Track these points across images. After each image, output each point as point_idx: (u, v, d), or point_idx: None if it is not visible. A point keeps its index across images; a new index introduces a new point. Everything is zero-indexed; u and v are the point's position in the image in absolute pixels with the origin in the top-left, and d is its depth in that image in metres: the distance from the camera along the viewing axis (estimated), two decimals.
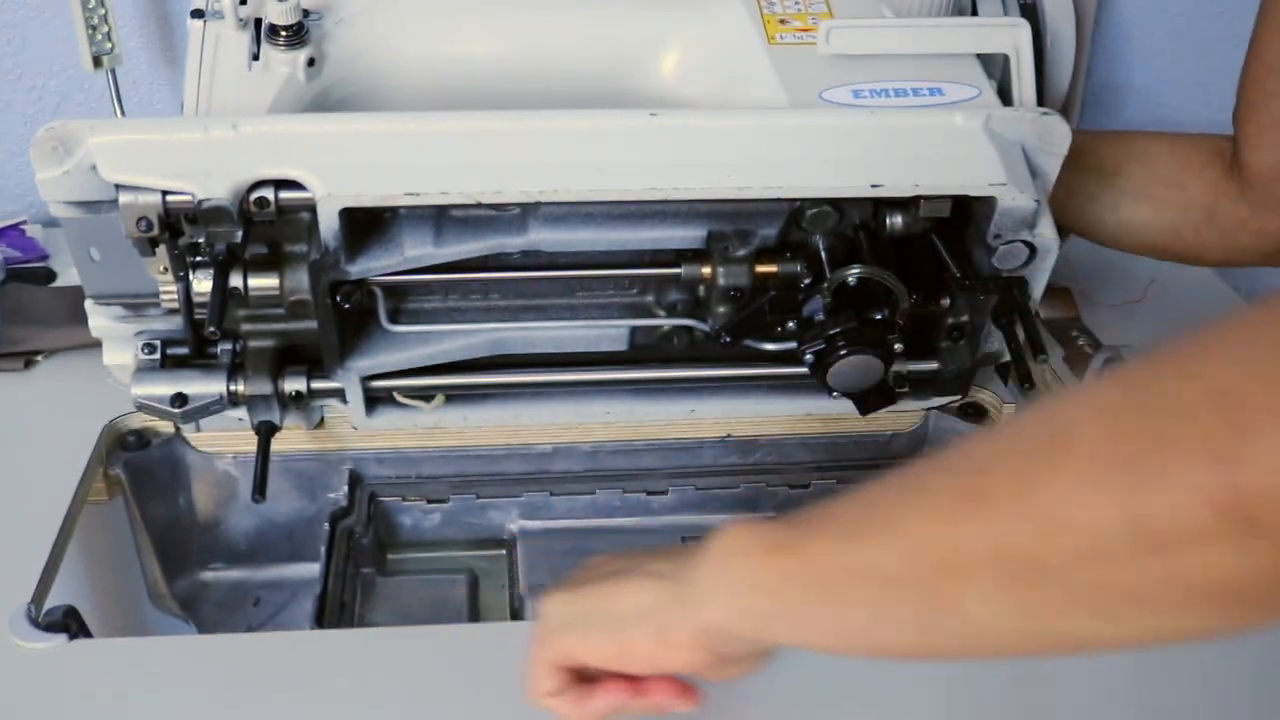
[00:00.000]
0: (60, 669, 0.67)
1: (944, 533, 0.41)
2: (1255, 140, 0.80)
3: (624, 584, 0.53)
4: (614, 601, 0.53)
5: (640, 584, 0.52)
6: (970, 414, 0.90)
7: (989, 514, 0.40)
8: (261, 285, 0.75)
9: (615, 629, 0.52)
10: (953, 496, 0.42)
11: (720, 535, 0.49)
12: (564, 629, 0.55)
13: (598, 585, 0.54)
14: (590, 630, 0.53)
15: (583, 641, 0.54)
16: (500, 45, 0.86)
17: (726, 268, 0.77)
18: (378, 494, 0.86)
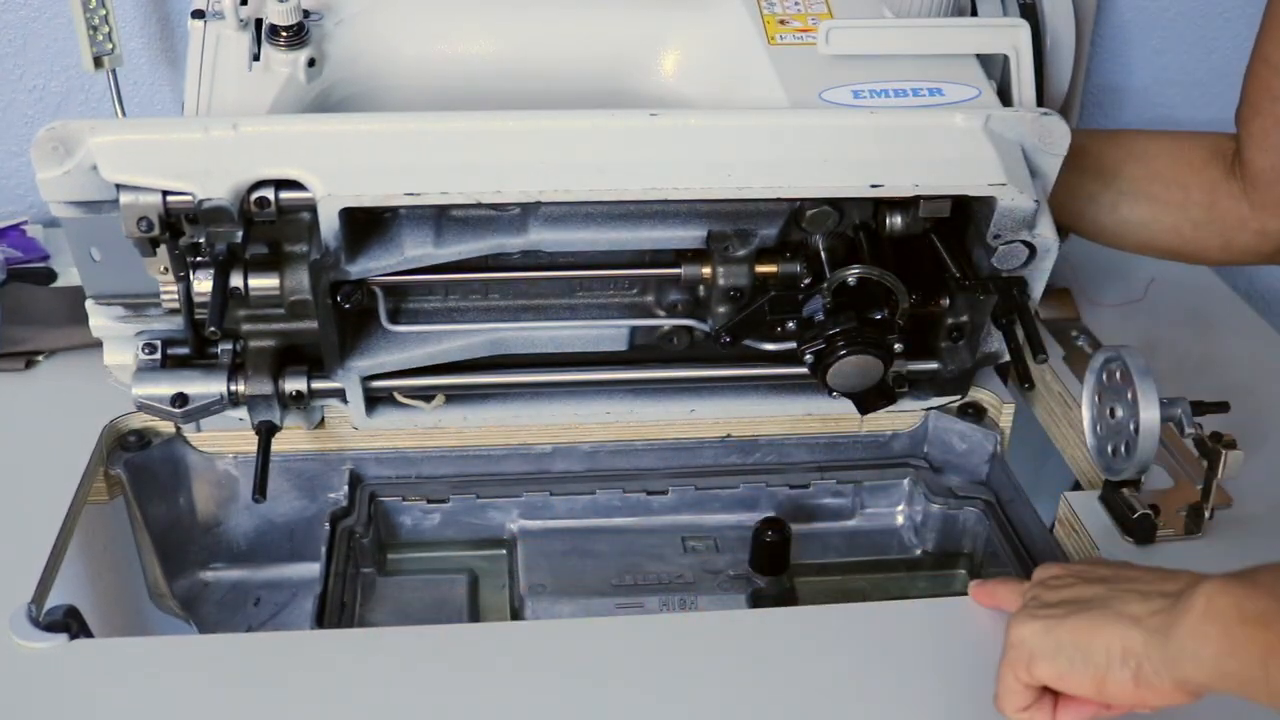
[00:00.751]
0: (60, 669, 0.67)
1: None
2: (1260, 141, 0.80)
3: (1103, 624, 0.56)
4: (1094, 640, 0.56)
5: (1122, 630, 0.55)
6: (970, 414, 0.90)
7: None
8: (262, 285, 0.75)
9: (1096, 668, 0.56)
10: None
11: (1205, 594, 0.52)
12: (1041, 658, 0.58)
13: (1075, 619, 0.57)
14: (1071, 666, 0.57)
15: (1063, 676, 0.57)
16: (500, 45, 0.86)
17: (726, 268, 0.77)
18: (378, 494, 0.86)
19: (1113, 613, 0.56)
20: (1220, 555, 0.76)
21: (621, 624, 0.73)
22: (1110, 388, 0.79)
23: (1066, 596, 0.59)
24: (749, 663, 0.68)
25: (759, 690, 0.67)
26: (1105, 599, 0.57)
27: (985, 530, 0.87)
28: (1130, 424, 0.75)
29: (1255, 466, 0.80)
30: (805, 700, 0.66)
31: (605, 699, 0.66)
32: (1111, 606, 0.56)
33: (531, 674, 0.67)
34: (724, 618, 0.73)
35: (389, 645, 0.69)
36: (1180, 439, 0.80)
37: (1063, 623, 0.57)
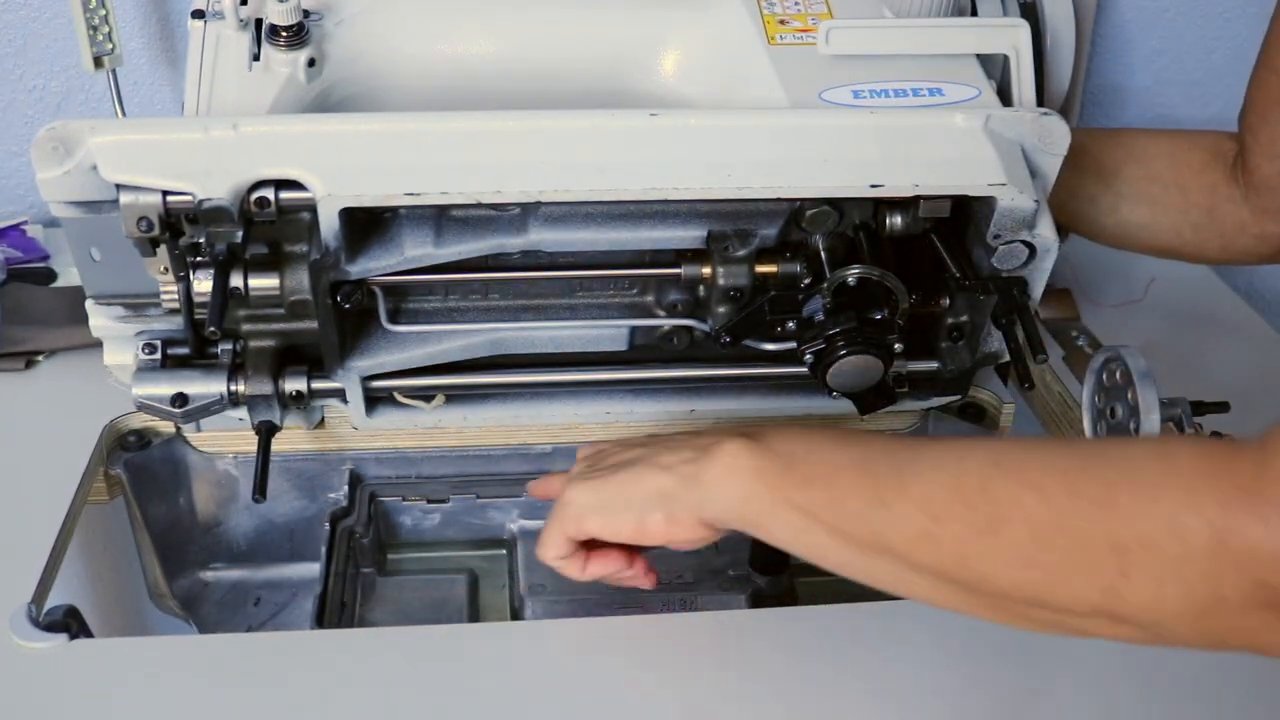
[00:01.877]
0: (60, 669, 0.67)
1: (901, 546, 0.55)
2: (1267, 149, 0.80)
3: (642, 474, 0.65)
4: (633, 490, 0.65)
5: (656, 476, 0.64)
6: (970, 414, 0.90)
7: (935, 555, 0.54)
8: (262, 285, 0.75)
9: (635, 512, 0.64)
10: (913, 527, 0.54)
11: (728, 452, 0.61)
12: (591, 513, 0.66)
13: (619, 473, 0.65)
14: (614, 515, 0.65)
15: (607, 522, 0.66)
16: (500, 45, 0.86)
17: (726, 268, 0.77)
18: (378, 494, 0.87)
19: (650, 464, 0.65)
20: None
21: (621, 624, 0.73)
22: (1110, 388, 0.79)
23: (613, 462, 0.67)
24: (749, 663, 0.68)
25: (759, 690, 0.67)
26: (643, 457, 0.66)
27: None
28: (1130, 424, 0.75)
29: None
30: (805, 700, 0.66)
31: (605, 699, 0.66)
32: (647, 461, 0.65)
33: (531, 674, 0.67)
34: (724, 618, 0.73)
35: (389, 645, 0.69)
36: None
37: (607, 479, 0.66)
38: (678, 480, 0.63)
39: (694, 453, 0.63)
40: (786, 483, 0.59)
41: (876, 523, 0.55)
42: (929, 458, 0.56)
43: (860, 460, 0.58)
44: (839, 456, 0.59)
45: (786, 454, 0.60)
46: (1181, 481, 0.48)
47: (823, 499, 0.58)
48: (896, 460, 0.57)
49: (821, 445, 0.60)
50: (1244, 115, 0.82)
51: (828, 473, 0.58)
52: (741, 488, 0.61)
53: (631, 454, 0.67)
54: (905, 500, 0.55)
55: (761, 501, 0.60)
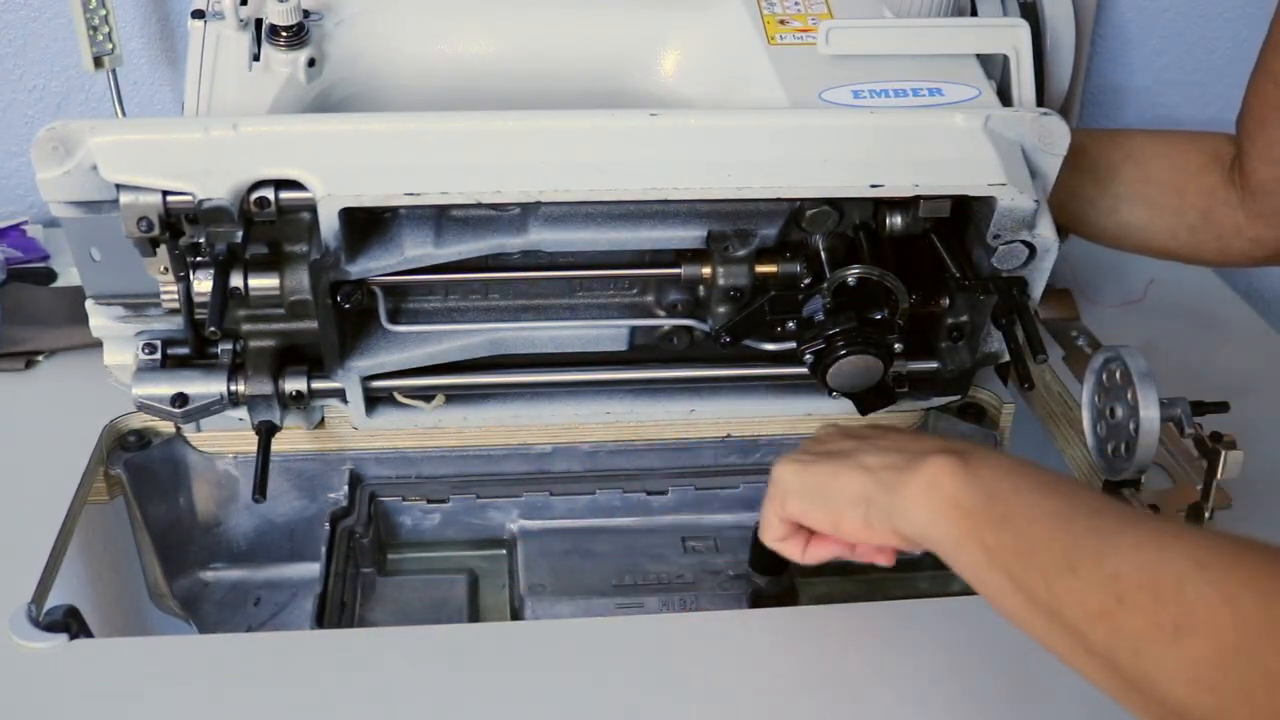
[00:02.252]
0: (60, 669, 0.67)
1: (1077, 619, 0.52)
2: (1264, 153, 0.80)
3: (845, 471, 0.64)
4: (834, 484, 0.64)
5: (859, 478, 0.63)
6: (970, 414, 0.90)
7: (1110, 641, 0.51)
8: (262, 285, 0.75)
9: (833, 508, 0.64)
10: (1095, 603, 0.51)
11: (931, 469, 0.60)
12: (792, 495, 0.67)
13: (823, 464, 0.66)
14: (813, 504, 0.66)
15: (807, 511, 0.66)
16: (500, 45, 0.86)
17: (726, 268, 0.77)
18: (378, 494, 0.86)
19: (854, 462, 0.64)
20: None
21: (621, 624, 0.73)
22: (1110, 388, 0.79)
23: (825, 449, 0.67)
24: (749, 663, 0.68)
25: (759, 690, 0.67)
26: (852, 451, 0.65)
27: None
28: (1130, 424, 0.75)
29: (1255, 466, 0.80)
30: (805, 700, 0.66)
31: (605, 699, 0.66)
32: (854, 457, 0.64)
33: (531, 674, 0.67)
34: (724, 618, 0.73)
35: (389, 645, 0.69)
36: (1180, 439, 0.80)
37: (812, 467, 0.66)
38: (877, 485, 0.62)
39: (901, 459, 0.62)
40: (982, 518, 0.57)
41: (1059, 586, 0.53)
42: (1133, 535, 0.52)
43: (1063, 514, 0.55)
44: (1043, 504, 0.56)
45: (990, 486, 0.58)
46: None
47: (1013, 544, 0.55)
48: (1100, 525, 0.53)
49: (1028, 486, 0.57)
50: (1241, 120, 0.82)
51: (1026, 518, 0.56)
52: (936, 512, 0.59)
53: (844, 445, 0.66)
54: (1096, 572, 0.51)
55: (952, 530, 0.58)
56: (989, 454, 0.61)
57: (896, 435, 0.67)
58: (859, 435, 0.68)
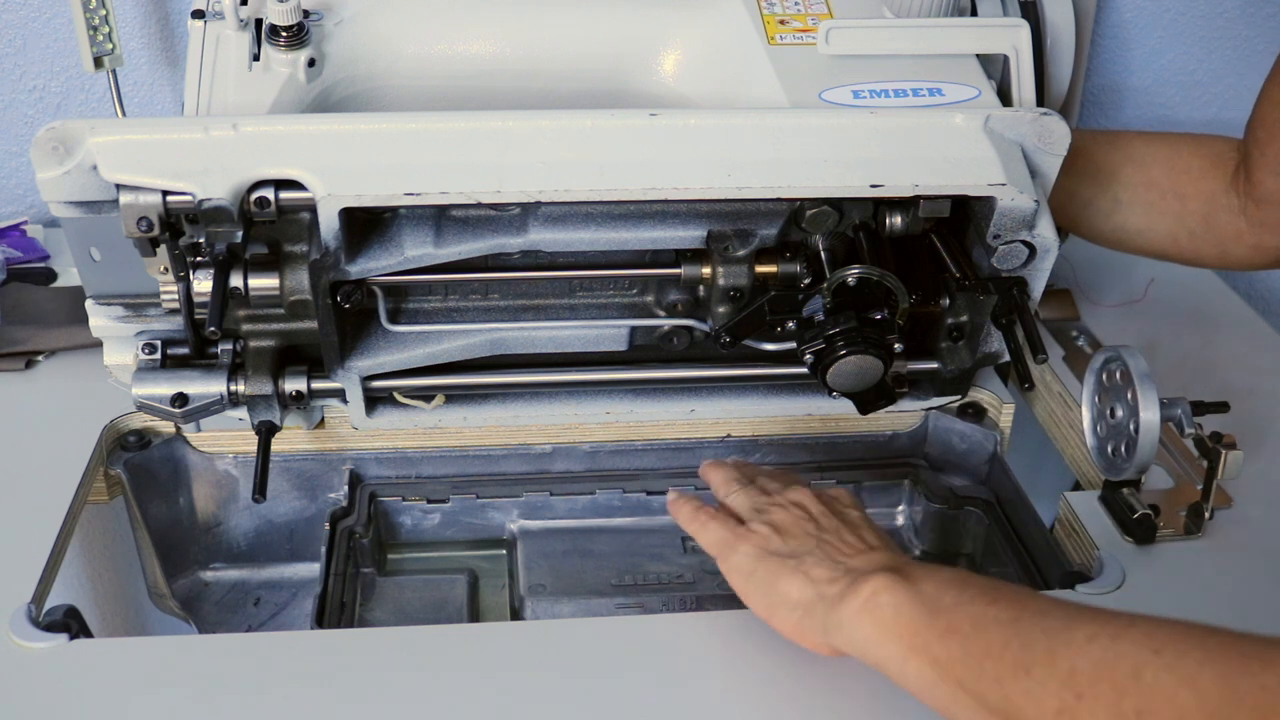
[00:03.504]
0: (60, 669, 0.67)
1: None
2: (1273, 165, 0.80)
3: (792, 575, 0.64)
4: (778, 583, 0.65)
5: (801, 585, 0.64)
6: (970, 414, 0.90)
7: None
8: (262, 285, 0.75)
9: (771, 604, 0.65)
10: (1054, 701, 0.51)
11: (871, 588, 0.60)
12: (738, 574, 0.67)
13: (776, 561, 0.65)
14: (756, 591, 0.66)
15: (747, 593, 0.67)
16: (500, 45, 0.86)
17: (726, 268, 0.77)
18: (378, 494, 0.86)
19: (802, 571, 0.64)
20: (1220, 555, 0.76)
21: (621, 624, 0.73)
22: (1110, 388, 0.79)
23: (783, 546, 0.67)
24: (749, 663, 0.68)
25: (759, 690, 0.67)
26: (805, 555, 0.65)
27: (985, 530, 0.87)
28: (1130, 424, 0.75)
29: (1255, 466, 0.80)
30: (806, 700, 0.66)
31: (605, 699, 0.66)
32: (805, 564, 0.64)
33: (531, 674, 0.67)
34: (724, 618, 0.73)
35: (389, 645, 0.69)
36: (1180, 439, 0.80)
37: (766, 561, 0.66)
38: (817, 599, 0.62)
39: (844, 575, 0.62)
40: (928, 632, 0.56)
41: (1014, 689, 0.52)
42: (1084, 630, 0.52)
43: (1010, 619, 0.54)
44: (989, 611, 0.55)
45: (933, 599, 0.57)
46: None
47: (962, 655, 0.55)
48: (1048, 624, 0.53)
49: (970, 596, 0.57)
50: (1251, 129, 0.81)
51: (973, 626, 0.55)
52: (878, 628, 0.58)
53: (800, 545, 0.66)
54: (1051, 671, 0.51)
55: (897, 647, 0.57)
56: (931, 569, 0.60)
57: (852, 538, 0.66)
58: (816, 532, 0.67)
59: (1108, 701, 0.49)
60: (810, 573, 0.64)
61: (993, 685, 0.53)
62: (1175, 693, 0.48)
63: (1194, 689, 0.47)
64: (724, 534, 0.69)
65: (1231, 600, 0.73)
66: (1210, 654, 0.48)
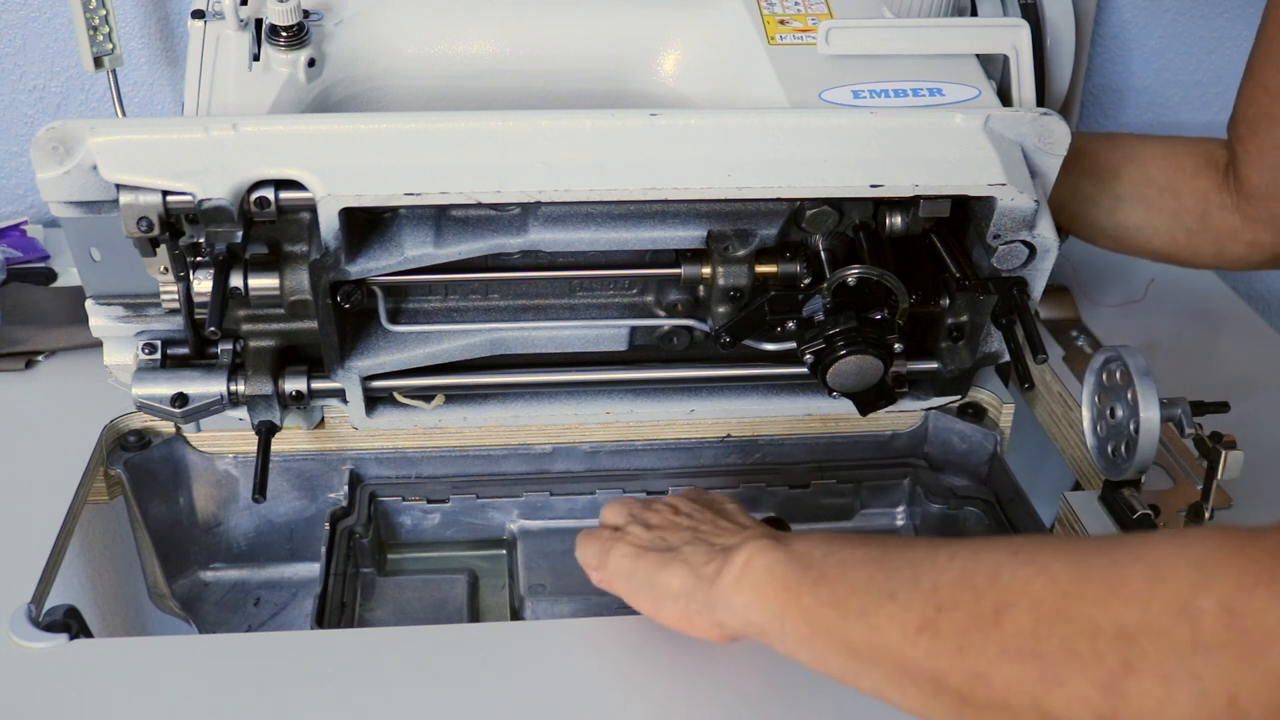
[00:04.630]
0: (60, 669, 0.67)
1: (899, 644, 0.52)
2: (1256, 160, 0.81)
3: (669, 563, 0.64)
4: (659, 577, 0.64)
5: (680, 573, 0.63)
6: (970, 414, 0.90)
7: (933, 649, 0.50)
8: (262, 285, 0.75)
9: (655, 598, 0.64)
10: (916, 618, 0.51)
11: (746, 552, 0.60)
12: (620, 577, 0.66)
13: (653, 556, 0.65)
14: (637, 590, 0.65)
15: (631, 595, 0.66)
16: (500, 45, 0.86)
17: (726, 268, 0.77)
18: (378, 494, 0.86)
19: (680, 558, 0.64)
20: None
21: (621, 624, 0.73)
22: (1110, 388, 0.79)
23: (659, 541, 0.66)
24: (749, 663, 0.68)
25: (759, 690, 0.67)
26: (682, 546, 0.65)
27: (985, 530, 0.87)
28: (1130, 424, 0.75)
29: (1255, 466, 0.80)
30: (806, 700, 0.66)
31: (605, 699, 0.66)
32: (682, 552, 0.64)
33: (531, 674, 0.67)
34: None
35: (389, 645, 0.69)
36: (1180, 439, 0.80)
37: (644, 558, 0.65)
38: (697, 581, 0.62)
39: (719, 552, 0.62)
40: (799, 583, 0.57)
41: (879, 617, 0.52)
42: (946, 551, 0.53)
43: (876, 557, 0.55)
44: (856, 553, 0.56)
45: (804, 555, 0.58)
46: (1194, 559, 0.44)
47: (829, 596, 0.55)
48: (913, 556, 0.54)
49: (841, 546, 0.57)
50: (1234, 126, 0.83)
51: (841, 569, 0.56)
52: (755, 591, 0.58)
53: (677, 537, 0.66)
54: (913, 592, 0.52)
55: (771, 606, 0.57)
56: (807, 535, 0.60)
57: (724, 522, 0.66)
58: (690, 525, 0.66)
59: (967, 606, 0.49)
60: (689, 560, 0.63)
61: (858, 620, 0.53)
62: (1029, 582, 0.48)
63: (1047, 575, 0.48)
64: (598, 543, 0.68)
65: None
66: (1063, 546, 0.50)
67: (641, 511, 0.70)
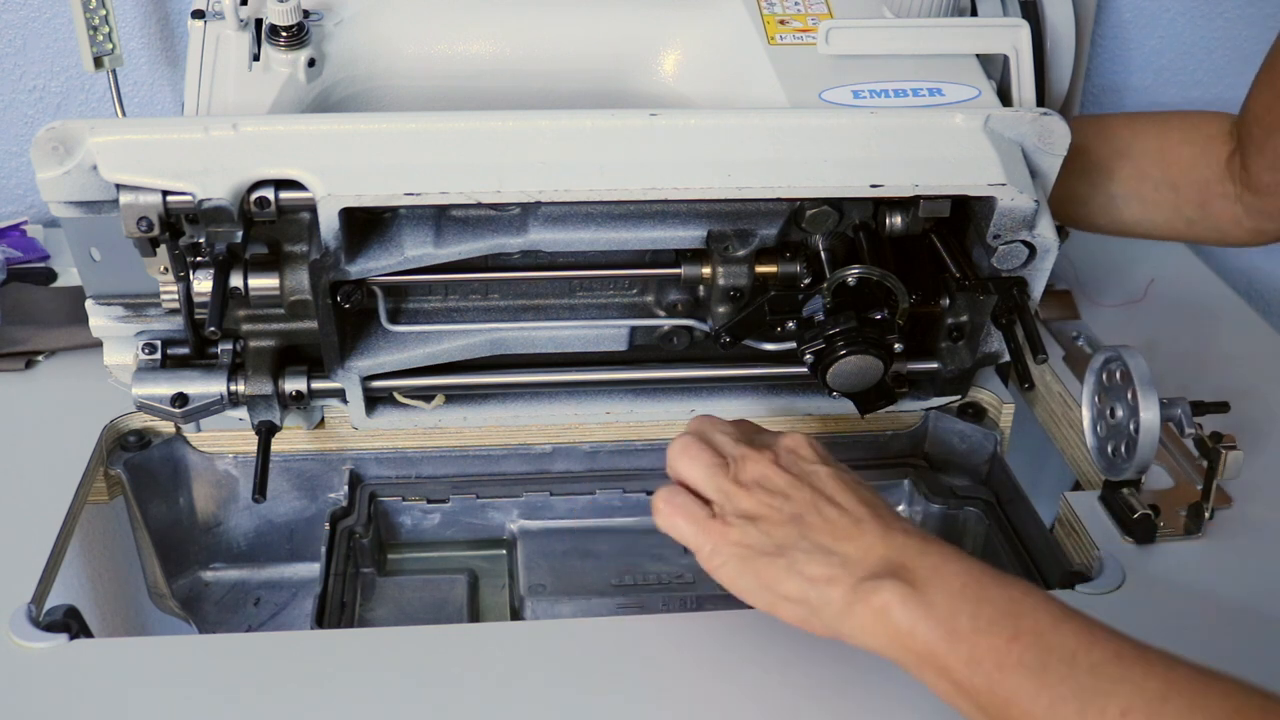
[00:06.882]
0: (60, 669, 0.67)
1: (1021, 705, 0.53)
2: (1272, 161, 0.80)
3: (784, 575, 0.61)
4: (773, 585, 0.61)
5: (798, 585, 0.60)
6: (970, 414, 0.90)
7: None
8: (262, 285, 0.75)
9: (771, 601, 0.62)
10: (1048, 697, 0.52)
11: (883, 601, 0.57)
12: (726, 577, 0.63)
13: (763, 561, 0.62)
14: (750, 592, 0.63)
15: (739, 593, 0.63)
16: (500, 45, 0.86)
17: (726, 268, 0.77)
18: (378, 494, 0.86)
19: (795, 571, 0.61)
20: (1220, 555, 0.76)
21: (621, 624, 0.73)
22: (1110, 388, 0.79)
23: (764, 539, 0.62)
24: (749, 663, 0.68)
25: (759, 690, 0.67)
26: (790, 548, 0.61)
27: (985, 530, 0.87)
28: (1130, 424, 0.75)
29: (1255, 466, 0.80)
30: (806, 700, 0.66)
31: (605, 699, 0.66)
32: (795, 560, 0.61)
33: (531, 674, 0.67)
34: (724, 618, 0.73)
35: (389, 645, 0.69)
36: (1180, 439, 0.80)
37: (752, 561, 0.62)
38: (820, 599, 0.60)
39: (843, 574, 0.59)
40: (948, 657, 0.55)
41: (1039, 707, 0.52)
42: (1118, 701, 0.51)
43: (1037, 667, 0.53)
44: (1013, 652, 0.54)
45: (948, 619, 0.56)
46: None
47: (986, 687, 0.54)
48: (1080, 683, 0.52)
49: (990, 622, 0.55)
50: (1246, 124, 0.82)
51: (997, 668, 0.54)
52: (892, 644, 0.57)
53: (782, 534, 0.62)
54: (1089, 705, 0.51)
55: (910, 660, 0.57)
56: (935, 566, 0.58)
57: (835, 515, 0.62)
58: (793, 516, 0.63)
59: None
60: (804, 571, 0.60)
61: (1004, 709, 0.53)
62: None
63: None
64: (693, 526, 0.64)
65: (1231, 600, 0.73)
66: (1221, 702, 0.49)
67: (728, 484, 0.65)
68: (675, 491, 0.66)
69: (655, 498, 0.67)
